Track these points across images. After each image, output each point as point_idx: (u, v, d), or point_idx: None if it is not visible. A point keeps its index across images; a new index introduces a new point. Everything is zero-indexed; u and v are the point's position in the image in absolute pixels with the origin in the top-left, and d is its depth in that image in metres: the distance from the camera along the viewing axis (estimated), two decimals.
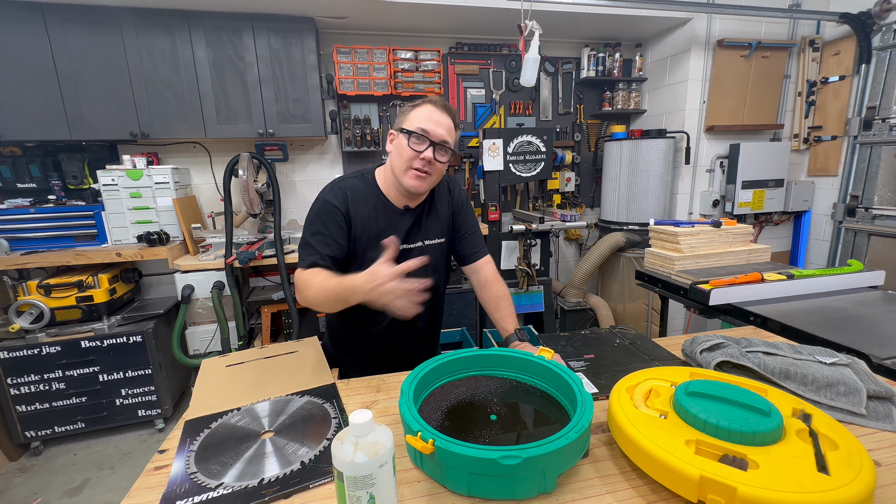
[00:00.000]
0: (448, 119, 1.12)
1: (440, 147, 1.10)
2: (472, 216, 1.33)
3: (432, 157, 1.09)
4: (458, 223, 1.30)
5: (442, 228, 1.27)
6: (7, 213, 2.31)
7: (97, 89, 2.34)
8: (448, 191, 1.30)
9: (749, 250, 1.97)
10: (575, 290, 3.15)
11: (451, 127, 1.13)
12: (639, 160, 2.95)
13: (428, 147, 1.09)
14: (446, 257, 1.32)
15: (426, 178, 1.12)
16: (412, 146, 1.09)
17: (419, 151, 1.09)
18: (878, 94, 2.78)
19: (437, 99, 1.13)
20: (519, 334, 1.18)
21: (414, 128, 1.09)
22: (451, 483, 0.69)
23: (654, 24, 2.93)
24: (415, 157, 1.09)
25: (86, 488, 2.10)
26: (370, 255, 1.14)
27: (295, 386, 1.04)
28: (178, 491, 0.71)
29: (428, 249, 1.24)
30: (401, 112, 1.16)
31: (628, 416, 0.74)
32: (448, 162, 1.15)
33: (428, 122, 1.09)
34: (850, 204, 2.96)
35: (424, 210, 1.23)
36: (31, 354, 2.22)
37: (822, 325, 1.32)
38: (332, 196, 1.15)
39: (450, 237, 1.30)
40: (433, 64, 2.84)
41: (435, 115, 1.10)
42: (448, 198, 1.29)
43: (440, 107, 1.12)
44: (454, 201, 1.30)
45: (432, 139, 1.09)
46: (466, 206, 1.32)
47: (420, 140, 1.09)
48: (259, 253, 2.43)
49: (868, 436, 0.81)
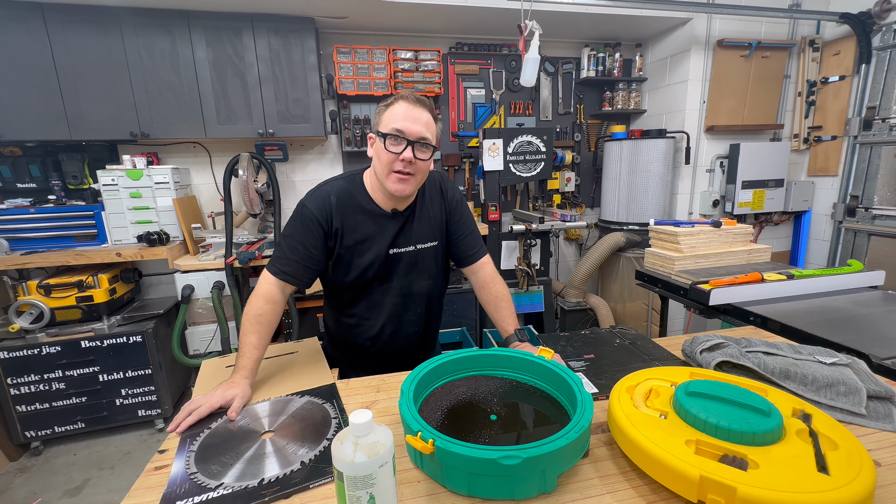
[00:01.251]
0: (424, 112, 1.06)
1: (419, 145, 1.05)
2: (468, 217, 1.28)
3: (412, 157, 1.04)
4: (452, 225, 1.25)
5: (434, 231, 1.23)
6: (7, 213, 2.31)
7: (97, 89, 2.34)
8: (441, 191, 1.25)
9: (749, 250, 1.97)
10: (575, 290, 3.15)
11: (428, 121, 1.07)
12: (639, 160, 2.95)
13: (406, 147, 1.04)
14: (440, 260, 1.28)
15: (409, 179, 1.07)
16: (389, 149, 1.04)
17: (397, 153, 1.04)
18: (878, 94, 2.78)
19: (409, 94, 1.07)
20: (519, 335, 1.17)
21: (389, 129, 1.04)
22: (451, 483, 0.69)
23: (654, 24, 2.93)
24: (394, 159, 1.04)
25: (86, 488, 2.10)
26: (357, 261, 1.15)
27: (295, 386, 1.04)
28: (178, 491, 0.71)
29: (420, 254, 1.21)
30: (376, 113, 1.10)
31: (628, 416, 0.74)
32: (431, 158, 1.10)
33: (403, 121, 1.03)
34: (850, 204, 2.96)
35: (414, 213, 1.19)
36: (31, 354, 2.21)
37: (822, 325, 1.32)
38: (313, 203, 1.11)
39: (444, 239, 1.25)
40: (433, 64, 2.84)
41: (410, 111, 1.04)
42: (441, 199, 1.24)
43: (413, 101, 1.05)
44: (448, 203, 1.25)
45: (409, 138, 1.03)
46: (461, 207, 1.27)
47: (396, 141, 1.04)
48: (259, 253, 2.43)
49: (868, 436, 0.81)
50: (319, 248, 1.11)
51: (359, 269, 1.15)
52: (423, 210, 1.21)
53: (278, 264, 1.11)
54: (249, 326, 1.04)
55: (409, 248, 1.19)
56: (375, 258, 1.15)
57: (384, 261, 1.16)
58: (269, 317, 1.07)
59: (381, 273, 1.18)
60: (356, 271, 1.15)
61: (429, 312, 1.30)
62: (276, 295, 1.09)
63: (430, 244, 1.22)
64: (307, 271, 1.12)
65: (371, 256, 1.15)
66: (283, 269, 1.10)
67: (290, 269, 1.10)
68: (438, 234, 1.24)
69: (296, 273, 1.11)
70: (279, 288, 1.10)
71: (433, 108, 1.09)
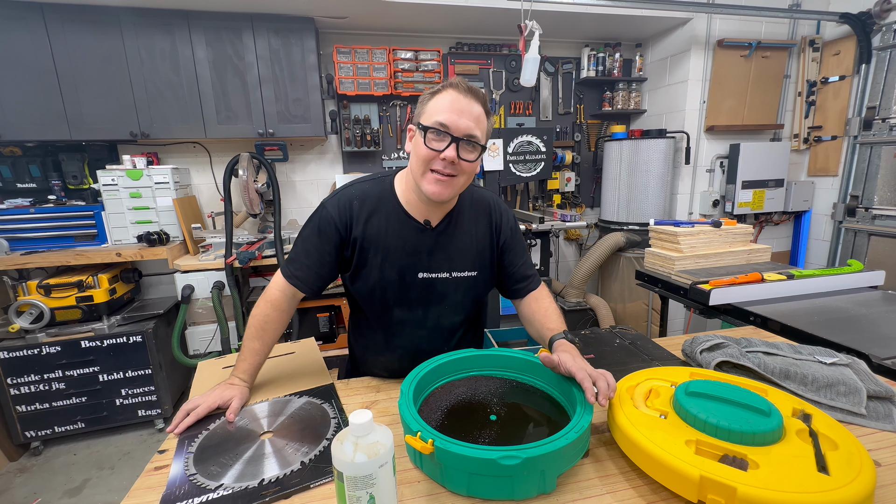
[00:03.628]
0: (475, 105, 0.90)
1: (466, 143, 0.89)
2: (522, 244, 1.11)
3: (455, 157, 0.89)
4: (508, 256, 1.09)
5: (475, 259, 1.05)
6: (7, 213, 2.31)
7: (97, 89, 2.33)
8: (489, 215, 1.07)
9: (749, 250, 1.97)
10: (575, 290, 3.15)
11: (479, 115, 0.90)
12: (639, 160, 2.95)
13: (449, 144, 0.89)
14: (479, 294, 1.12)
15: (449, 181, 0.92)
16: (430, 145, 0.89)
17: (438, 151, 0.89)
18: (878, 94, 2.78)
19: (460, 81, 0.91)
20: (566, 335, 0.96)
21: (431, 122, 0.89)
22: (451, 483, 0.69)
23: (654, 24, 2.93)
24: (434, 157, 0.89)
25: (86, 488, 2.10)
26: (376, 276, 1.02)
27: (293, 386, 1.04)
28: (177, 493, 0.70)
29: (456, 283, 1.04)
30: (420, 101, 0.95)
31: (628, 416, 0.74)
32: (479, 159, 0.93)
33: (449, 114, 0.88)
34: (850, 204, 2.96)
35: (449, 230, 1.03)
36: (31, 354, 2.21)
37: (822, 325, 1.32)
38: (333, 206, 1.00)
39: (488, 271, 1.09)
40: (433, 64, 2.84)
41: (458, 102, 0.88)
42: (488, 226, 1.07)
43: (464, 91, 0.89)
44: (502, 233, 1.07)
45: (454, 134, 0.88)
46: (516, 236, 1.10)
47: (439, 137, 0.89)
48: (259, 253, 2.43)
49: (868, 436, 0.81)
50: (333, 255, 1.01)
51: (378, 287, 1.03)
52: (461, 229, 1.04)
53: (292, 267, 1.02)
54: (254, 332, 1.00)
55: (443, 275, 1.03)
56: (398, 278, 1.02)
57: (411, 284, 1.03)
58: (274, 324, 1.02)
59: (405, 297, 1.04)
60: (374, 289, 1.03)
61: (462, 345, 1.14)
62: (283, 303, 1.03)
63: (467, 273, 1.05)
64: (318, 279, 1.03)
65: (393, 274, 1.01)
66: (294, 274, 1.02)
67: (301, 275, 1.02)
68: (479, 264, 1.06)
69: (307, 280, 1.02)
70: (288, 295, 1.03)
71: (486, 100, 0.93)
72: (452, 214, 1.03)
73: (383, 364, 1.13)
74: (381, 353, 1.12)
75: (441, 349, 1.02)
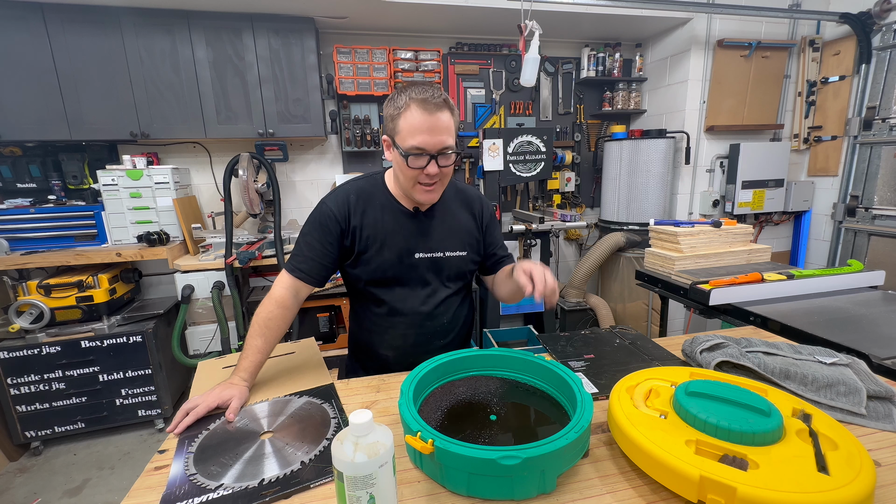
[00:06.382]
0: (443, 115, 0.97)
1: (442, 154, 1.00)
2: (499, 230, 1.28)
3: (437, 170, 1.00)
4: (488, 239, 1.24)
5: (463, 240, 1.19)
6: (7, 213, 2.31)
7: (97, 89, 2.34)
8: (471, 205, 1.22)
9: (749, 250, 1.97)
10: (575, 290, 3.15)
11: (448, 124, 0.99)
12: (639, 160, 2.95)
13: (429, 162, 0.99)
14: (469, 272, 1.24)
15: (435, 187, 1.06)
16: (412, 165, 0.99)
17: (421, 168, 1.00)
18: (878, 94, 2.78)
19: (420, 93, 0.97)
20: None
21: (408, 146, 0.97)
22: (451, 483, 0.69)
23: (654, 24, 2.93)
24: (418, 174, 1.01)
25: (86, 488, 2.10)
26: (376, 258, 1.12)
27: (293, 386, 1.04)
28: (177, 493, 0.70)
29: (449, 262, 1.17)
30: (387, 113, 1.03)
31: (628, 416, 0.74)
32: (456, 162, 1.09)
33: (423, 136, 0.96)
34: (850, 204, 2.96)
35: (435, 215, 1.16)
36: (31, 354, 2.21)
37: (822, 325, 1.32)
38: (332, 201, 1.11)
39: (475, 251, 1.22)
40: (433, 64, 2.84)
41: (427, 121, 0.96)
42: (472, 212, 1.22)
43: (431, 107, 0.96)
44: (484, 218, 1.23)
45: (431, 153, 0.98)
46: (494, 222, 1.27)
47: (418, 157, 0.99)
48: (259, 253, 2.43)
49: (868, 436, 0.81)
50: (335, 246, 1.11)
51: (379, 266, 1.13)
52: (445, 213, 1.17)
53: (294, 261, 1.11)
54: (258, 329, 1.04)
55: (437, 255, 1.16)
56: (396, 257, 1.12)
57: (407, 263, 1.14)
58: (278, 322, 1.06)
59: (404, 275, 1.14)
60: (376, 269, 1.13)
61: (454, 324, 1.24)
62: (288, 300, 1.09)
63: (458, 253, 1.18)
64: (322, 269, 1.11)
65: (391, 255, 1.12)
66: (298, 267, 1.10)
67: (305, 267, 1.10)
68: (468, 244, 1.20)
69: (311, 271, 1.10)
70: (293, 291, 1.10)
71: (449, 101, 1.00)
72: (438, 201, 1.16)
73: (388, 343, 1.20)
74: (384, 331, 1.19)
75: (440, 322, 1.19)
